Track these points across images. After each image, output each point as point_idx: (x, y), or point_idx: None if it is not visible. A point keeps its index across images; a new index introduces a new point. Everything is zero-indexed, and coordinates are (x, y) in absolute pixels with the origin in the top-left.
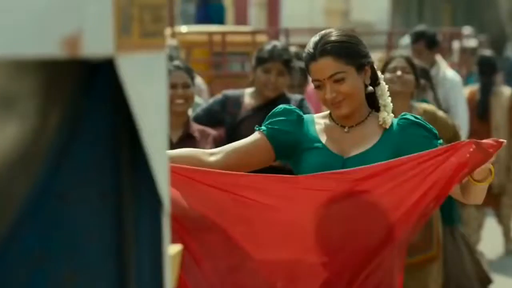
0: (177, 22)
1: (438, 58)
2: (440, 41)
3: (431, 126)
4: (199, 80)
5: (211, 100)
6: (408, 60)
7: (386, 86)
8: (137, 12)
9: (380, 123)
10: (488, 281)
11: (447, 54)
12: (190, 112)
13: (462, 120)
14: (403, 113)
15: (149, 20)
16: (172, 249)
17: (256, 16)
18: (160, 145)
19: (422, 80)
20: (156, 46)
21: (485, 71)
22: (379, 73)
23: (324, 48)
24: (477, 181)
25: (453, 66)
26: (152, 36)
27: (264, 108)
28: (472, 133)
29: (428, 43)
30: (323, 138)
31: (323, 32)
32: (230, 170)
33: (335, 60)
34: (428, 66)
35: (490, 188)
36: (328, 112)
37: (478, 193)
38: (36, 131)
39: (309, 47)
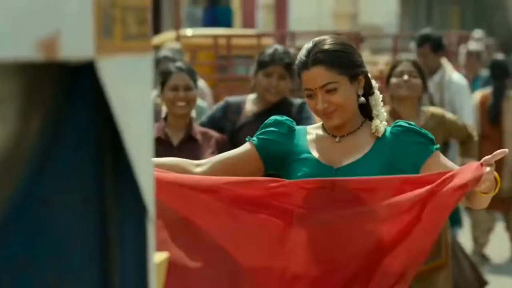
0: (184, 25)
1: (444, 61)
2: (449, 44)
3: (425, 131)
4: (202, 84)
5: (214, 107)
6: (415, 64)
7: (381, 96)
8: (120, 14)
9: (373, 131)
10: (485, 283)
11: (454, 57)
12: (194, 115)
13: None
14: (396, 121)
15: (133, 22)
16: (158, 257)
17: (264, 19)
18: (144, 149)
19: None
20: (140, 48)
21: (497, 75)
22: (373, 82)
23: (317, 57)
24: (484, 193)
25: (460, 69)
26: (136, 38)
27: (264, 114)
28: (484, 138)
29: (433, 46)
30: (314, 149)
31: (317, 39)
32: None
33: (327, 69)
34: (434, 70)
35: (499, 192)
36: (321, 122)
37: (483, 201)
38: (18, 135)
39: (302, 54)
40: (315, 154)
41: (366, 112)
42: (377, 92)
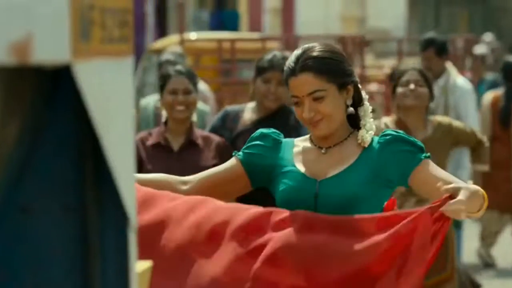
0: (190, 29)
1: (448, 65)
2: (455, 48)
3: (414, 139)
4: (204, 87)
5: (215, 117)
6: (421, 72)
7: (370, 108)
8: (98, 16)
9: (359, 141)
10: (478, 286)
11: (460, 61)
12: (195, 119)
13: None
14: (384, 130)
15: (113, 25)
16: (141, 266)
17: (271, 23)
18: (125, 156)
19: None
20: (121, 52)
21: (509, 77)
22: (363, 93)
23: (305, 63)
24: (473, 212)
25: (465, 73)
26: (116, 41)
27: (262, 122)
28: (494, 139)
29: (437, 50)
30: (299, 162)
31: (306, 46)
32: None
33: (315, 76)
34: (438, 73)
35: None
36: (309, 134)
37: (477, 215)
38: None
39: (291, 60)
40: (300, 166)
41: (355, 122)
42: (366, 103)
